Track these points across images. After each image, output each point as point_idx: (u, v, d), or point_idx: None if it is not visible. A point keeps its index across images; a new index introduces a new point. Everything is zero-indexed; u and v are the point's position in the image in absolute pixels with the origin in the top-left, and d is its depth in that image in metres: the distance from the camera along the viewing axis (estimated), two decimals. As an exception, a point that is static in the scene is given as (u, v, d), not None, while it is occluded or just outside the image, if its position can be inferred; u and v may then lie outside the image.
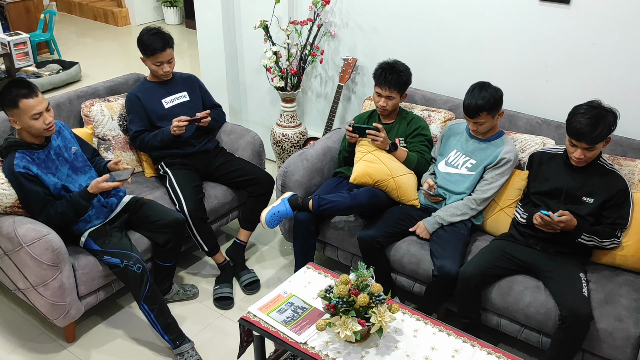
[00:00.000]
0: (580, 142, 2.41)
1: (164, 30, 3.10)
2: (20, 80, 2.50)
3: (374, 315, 2.03)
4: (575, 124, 2.40)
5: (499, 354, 2.09)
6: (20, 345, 2.77)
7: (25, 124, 2.48)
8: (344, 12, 3.66)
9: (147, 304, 2.58)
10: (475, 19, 3.16)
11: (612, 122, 2.40)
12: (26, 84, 2.48)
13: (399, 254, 2.77)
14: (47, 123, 2.50)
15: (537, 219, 2.48)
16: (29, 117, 2.46)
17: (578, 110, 2.43)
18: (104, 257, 2.61)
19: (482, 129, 2.75)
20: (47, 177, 2.56)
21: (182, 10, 8.07)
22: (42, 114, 2.48)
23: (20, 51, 6.01)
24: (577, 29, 2.87)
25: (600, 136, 2.38)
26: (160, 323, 2.61)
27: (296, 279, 2.46)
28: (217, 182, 3.26)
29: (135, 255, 2.59)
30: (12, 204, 2.55)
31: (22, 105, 2.44)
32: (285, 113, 4.01)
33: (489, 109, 2.67)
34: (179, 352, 2.65)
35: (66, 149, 2.69)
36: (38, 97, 2.48)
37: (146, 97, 3.16)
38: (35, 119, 2.47)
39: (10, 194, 2.53)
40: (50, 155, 2.61)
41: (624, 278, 2.54)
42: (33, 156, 2.55)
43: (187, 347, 2.66)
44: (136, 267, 2.56)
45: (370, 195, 2.82)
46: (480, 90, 2.67)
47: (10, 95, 2.44)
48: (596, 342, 2.34)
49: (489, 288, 2.55)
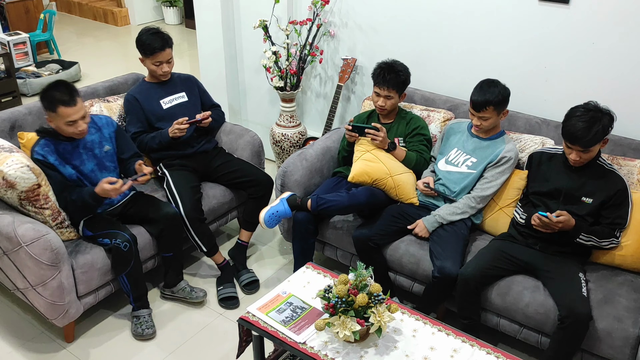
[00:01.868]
0: (575, 145, 2.42)
1: (163, 30, 3.10)
2: (64, 84, 2.59)
3: (373, 315, 2.03)
4: (569, 128, 2.41)
5: (498, 354, 2.09)
6: (19, 345, 2.77)
7: (58, 127, 2.60)
8: (344, 12, 3.66)
9: (126, 277, 2.74)
10: (475, 19, 3.16)
11: (607, 124, 2.39)
12: (68, 89, 2.56)
13: (398, 253, 2.77)
14: (79, 130, 2.61)
15: (535, 220, 2.48)
16: (64, 122, 2.57)
17: (574, 113, 2.43)
18: (97, 240, 2.71)
19: (485, 125, 2.75)
20: (63, 168, 2.67)
21: (181, 10, 8.07)
22: (77, 122, 2.58)
23: (19, 51, 6.01)
24: (576, 29, 2.87)
25: (595, 139, 2.38)
26: (133, 293, 2.80)
27: (295, 279, 2.46)
28: (216, 182, 3.26)
29: (124, 235, 2.68)
30: (28, 188, 2.55)
31: (60, 111, 2.54)
32: (285, 113, 4.01)
33: (496, 104, 2.67)
34: (136, 315, 2.84)
35: (100, 145, 2.80)
36: (77, 106, 2.56)
37: (144, 98, 3.15)
38: (70, 125, 2.58)
39: (29, 177, 2.53)
40: (78, 148, 2.71)
41: (623, 278, 2.54)
42: (58, 146, 2.67)
43: (145, 312, 2.84)
44: (123, 245, 2.65)
45: (368, 194, 2.82)
46: (489, 85, 2.69)
47: (51, 99, 2.54)
48: (595, 342, 2.34)
49: (489, 288, 2.55)
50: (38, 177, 2.57)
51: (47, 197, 2.62)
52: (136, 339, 2.81)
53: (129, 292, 2.79)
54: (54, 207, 2.66)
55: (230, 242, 3.52)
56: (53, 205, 2.65)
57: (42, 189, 2.60)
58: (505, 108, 2.74)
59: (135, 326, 2.81)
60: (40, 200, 2.60)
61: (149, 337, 2.81)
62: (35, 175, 2.56)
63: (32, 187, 2.56)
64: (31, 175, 2.54)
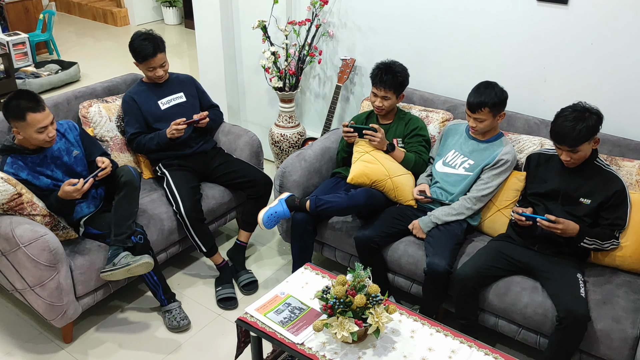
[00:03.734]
0: (562, 145, 2.43)
1: (155, 33, 3.10)
2: (28, 93, 2.55)
3: (371, 316, 2.03)
4: (555, 127, 2.44)
5: (496, 355, 2.09)
6: (17, 346, 2.76)
7: (29, 136, 2.54)
8: (342, 13, 3.66)
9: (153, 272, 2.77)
10: (474, 19, 3.16)
11: (593, 124, 2.39)
12: (33, 97, 2.54)
13: (396, 254, 2.77)
14: (50, 136, 2.57)
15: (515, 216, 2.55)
16: (34, 130, 2.52)
17: (561, 114, 2.45)
18: (106, 240, 2.72)
19: (481, 127, 2.74)
20: (38, 181, 2.64)
21: (181, 10, 8.06)
22: (47, 128, 2.55)
23: (19, 51, 6.01)
24: (575, 29, 2.87)
25: (579, 138, 2.39)
26: (162, 285, 2.84)
27: (294, 280, 2.46)
28: (215, 182, 3.26)
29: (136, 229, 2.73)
30: (8, 199, 2.51)
31: (29, 119, 2.49)
32: (284, 113, 4.00)
33: (492, 106, 2.67)
34: (167, 309, 2.87)
35: (67, 152, 2.74)
36: (45, 111, 2.54)
37: (142, 99, 3.15)
38: (40, 132, 2.53)
39: (5, 189, 2.49)
40: (46, 160, 2.67)
41: (622, 279, 2.53)
42: (26, 160, 2.61)
43: (176, 305, 2.88)
44: (138, 239, 2.70)
45: (367, 195, 2.82)
46: (486, 87, 2.69)
47: (18, 108, 2.49)
48: (594, 342, 2.34)
49: (487, 289, 2.55)
50: (16, 187, 2.51)
51: (33, 204, 2.58)
52: (173, 331, 2.85)
53: (157, 286, 2.81)
54: (44, 211, 2.62)
55: (229, 243, 3.52)
56: (43, 211, 2.62)
57: (24, 197, 2.55)
58: (502, 111, 2.74)
59: (169, 320, 2.84)
60: (26, 208, 2.56)
61: (185, 328, 2.85)
62: (12, 185, 2.51)
63: (12, 197, 2.51)
64: (7, 186, 2.49)
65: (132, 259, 2.58)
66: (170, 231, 3.00)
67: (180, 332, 2.84)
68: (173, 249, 3.10)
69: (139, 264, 2.57)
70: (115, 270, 2.58)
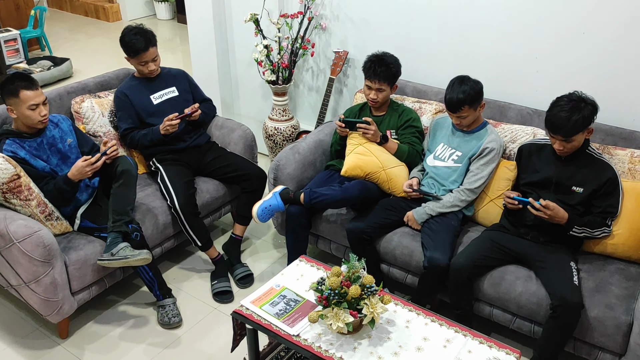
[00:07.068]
0: (556, 135, 2.44)
1: (146, 28, 3.08)
2: (23, 74, 2.71)
3: (366, 307, 2.04)
4: (550, 117, 2.44)
5: (490, 343, 2.10)
6: (13, 341, 2.76)
7: (21, 114, 2.64)
8: (335, 5, 3.66)
9: (147, 267, 2.78)
10: (466, 10, 3.16)
11: (588, 114, 2.40)
12: (28, 77, 2.68)
13: (391, 245, 2.78)
14: (42, 115, 2.67)
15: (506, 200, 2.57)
16: (26, 107, 2.62)
17: (557, 103, 2.46)
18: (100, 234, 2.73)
19: (465, 122, 2.76)
20: (35, 161, 2.70)
21: (173, 5, 8.02)
22: (39, 106, 2.65)
23: (10, 48, 5.97)
24: (567, 19, 2.87)
25: (575, 129, 2.40)
26: (157, 280, 2.84)
27: (289, 272, 2.47)
28: (209, 176, 3.25)
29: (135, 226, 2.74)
30: (8, 179, 2.54)
31: (21, 96, 2.61)
32: (277, 107, 4.00)
33: (470, 103, 2.68)
34: (161, 305, 2.87)
35: (62, 140, 2.83)
36: (37, 90, 2.66)
37: (134, 94, 3.14)
38: (32, 109, 2.63)
39: (6, 168, 2.53)
40: (43, 145, 2.75)
41: (615, 266, 2.55)
42: (24, 144, 2.70)
43: (170, 301, 2.88)
44: (134, 235, 2.72)
45: (361, 187, 2.83)
46: (460, 84, 2.69)
47: (12, 85, 2.62)
48: (587, 330, 2.36)
49: (481, 278, 2.56)
50: (16, 168, 2.57)
51: (30, 188, 2.62)
52: (164, 328, 2.84)
53: (153, 281, 2.82)
54: (39, 198, 2.65)
55: (224, 237, 3.52)
56: (38, 197, 2.65)
57: (23, 179, 2.60)
58: (481, 102, 2.74)
59: (161, 316, 2.85)
60: (23, 191, 2.59)
61: (176, 326, 2.84)
62: (12, 165, 2.56)
63: (12, 177, 2.55)
64: (8, 165, 2.54)
65: (131, 253, 2.59)
66: (165, 226, 3.00)
67: (171, 329, 2.84)
68: (168, 244, 3.10)
69: (137, 259, 2.59)
70: (113, 261, 2.60)
